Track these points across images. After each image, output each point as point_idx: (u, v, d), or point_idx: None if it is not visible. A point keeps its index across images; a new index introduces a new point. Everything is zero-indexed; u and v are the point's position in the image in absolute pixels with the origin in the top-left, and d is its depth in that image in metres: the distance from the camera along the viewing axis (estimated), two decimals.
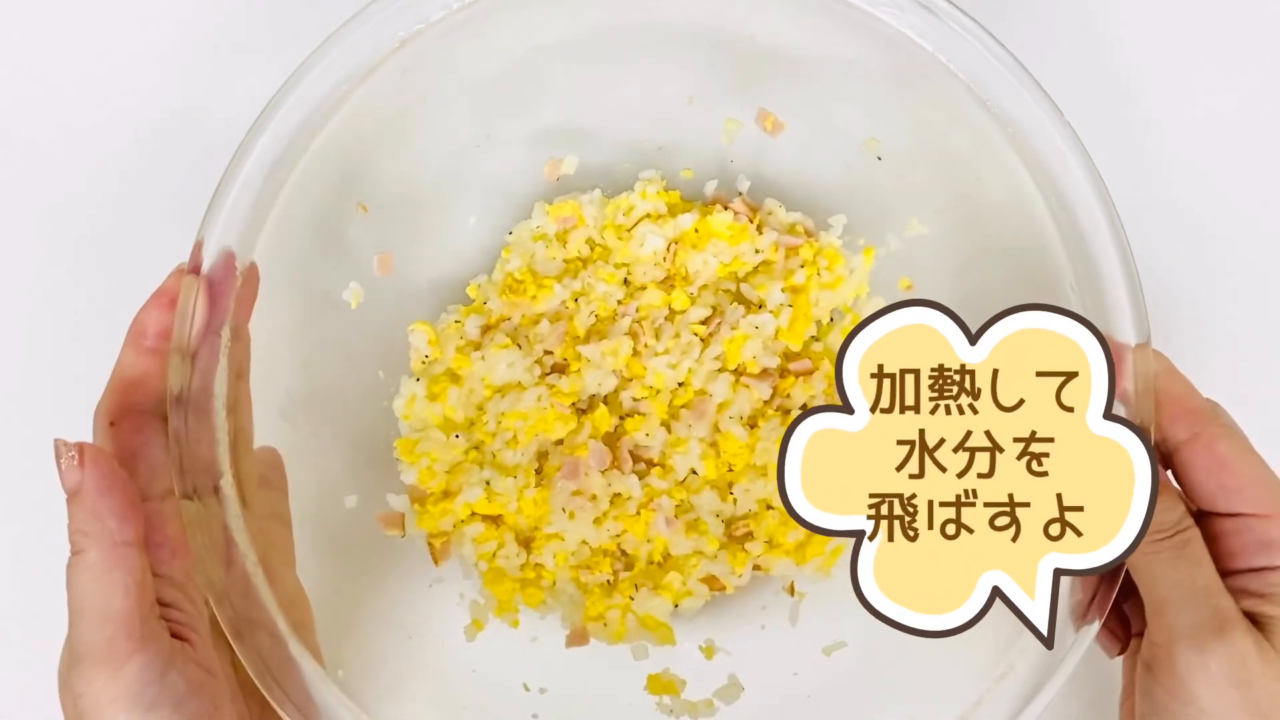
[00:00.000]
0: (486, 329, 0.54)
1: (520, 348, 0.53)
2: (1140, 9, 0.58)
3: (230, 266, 0.44)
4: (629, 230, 0.54)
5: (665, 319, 0.54)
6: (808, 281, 0.54)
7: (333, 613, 0.49)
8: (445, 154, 0.53)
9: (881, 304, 0.54)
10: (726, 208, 0.54)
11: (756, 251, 0.54)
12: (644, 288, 0.54)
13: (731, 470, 0.53)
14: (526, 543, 0.53)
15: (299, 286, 0.50)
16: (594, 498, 0.52)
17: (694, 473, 0.53)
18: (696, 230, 0.53)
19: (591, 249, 0.54)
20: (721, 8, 0.50)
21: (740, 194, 0.55)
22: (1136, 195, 0.51)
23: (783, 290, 0.53)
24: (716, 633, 0.53)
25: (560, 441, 0.53)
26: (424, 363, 0.53)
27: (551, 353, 0.53)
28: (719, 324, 0.53)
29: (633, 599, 0.52)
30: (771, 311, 0.53)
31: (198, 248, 0.44)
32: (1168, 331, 0.52)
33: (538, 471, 0.53)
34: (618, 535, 0.53)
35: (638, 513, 0.53)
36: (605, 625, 0.52)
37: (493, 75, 0.51)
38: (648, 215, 0.54)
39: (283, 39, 0.53)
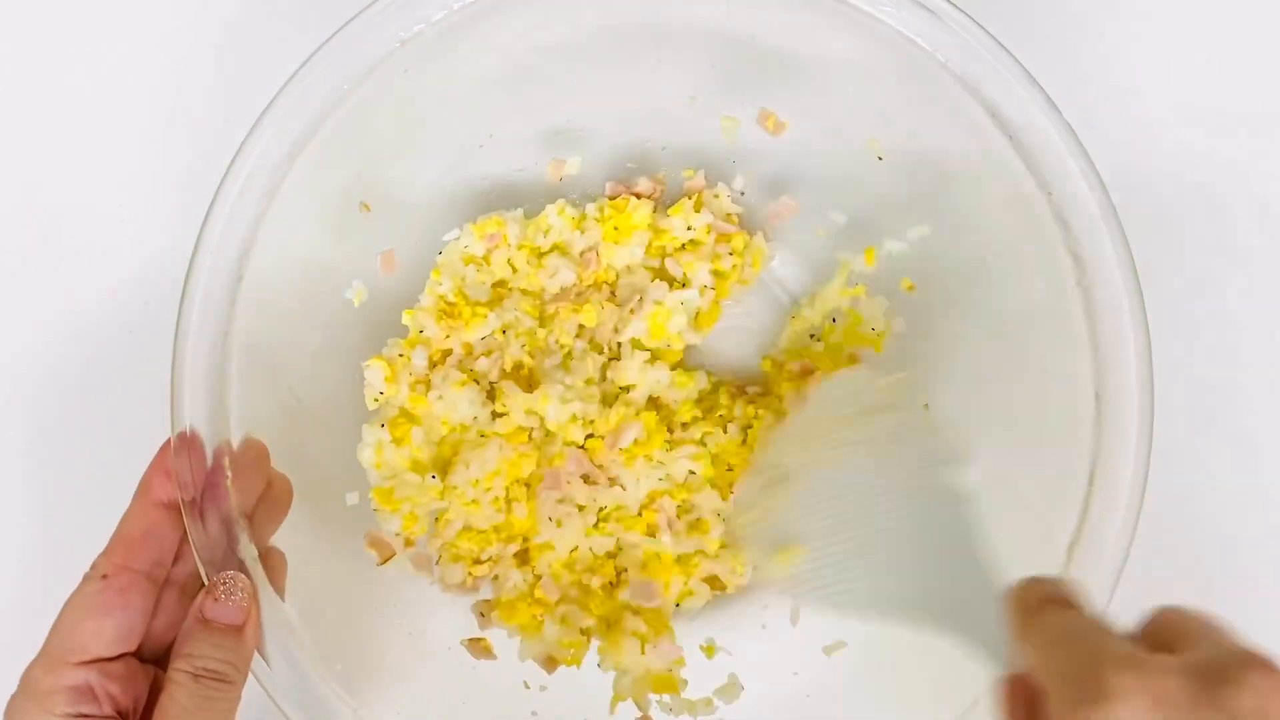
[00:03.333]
0: (433, 364, 0.53)
1: (477, 383, 0.53)
2: (1140, 8, 0.58)
3: (218, 460, 0.45)
4: (541, 256, 0.54)
5: (576, 338, 0.54)
6: (733, 270, 0.54)
7: (333, 608, 0.50)
8: (448, 154, 0.53)
9: (884, 304, 0.54)
10: (639, 196, 0.54)
11: (689, 228, 0.53)
12: (555, 315, 0.54)
13: (731, 470, 0.53)
14: (523, 556, 0.53)
15: (302, 285, 0.50)
16: (582, 508, 0.52)
17: (692, 473, 0.53)
18: (616, 228, 0.53)
19: (514, 271, 0.54)
20: (722, 8, 0.50)
21: (654, 176, 0.55)
22: (1135, 195, 0.51)
23: (710, 272, 0.53)
24: (717, 632, 0.53)
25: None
26: (377, 399, 0.52)
27: (495, 384, 0.53)
28: (640, 300, 0.53)
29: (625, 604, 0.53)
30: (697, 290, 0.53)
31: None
32: (1167, 331, 0.52)
33: (526, 485, 0.53)
34: (613, 553, 0.53)
35: (640, 513, 0.53)
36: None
37: (493, 75, 0.51)
38: (556, 246, 0.54)
39: (283, 39, 0.53)
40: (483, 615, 0.52)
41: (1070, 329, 0.47)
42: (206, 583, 0.43)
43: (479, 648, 0.52)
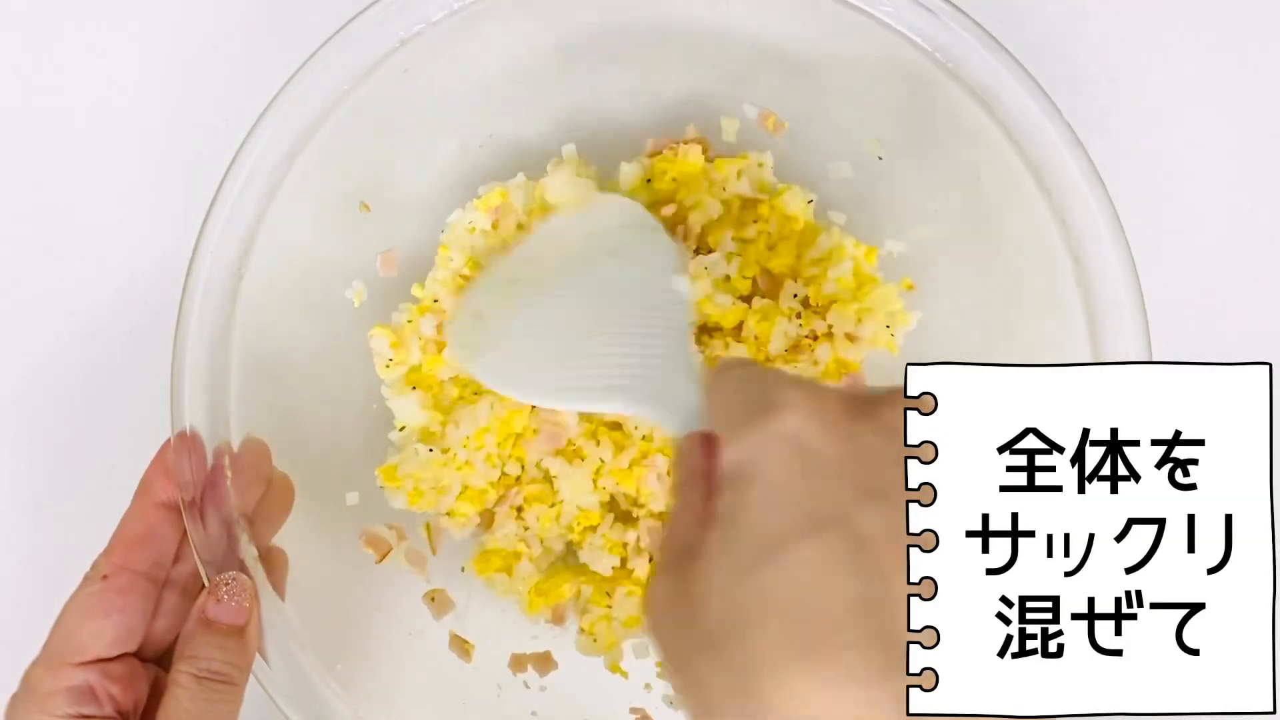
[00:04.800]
0: (440, 327, 0.52)
1: None
2: (1139, 8, 0.58)
3: (219, 458, 0.45)
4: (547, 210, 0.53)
5: None
6: (759, 238, 0.53)
7: (333, 608, 0.50)
8: (447, 153, 0.53)
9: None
10: (676, 148, 0.53)
11: (739, 175, 0.53)
12: None
13: None
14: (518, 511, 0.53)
15: (302, 285, 0.51)
16: (583, 457, 0.52)
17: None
18: (675, 180, 0.53)
19: (524, 230, 0.53)
20: (722, 8, 0.50)
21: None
22: (1135, 194, 0.51)
23: (733, 239, 0.53)
24: None
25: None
26: (388, 366, 0.52)
27: None
28: None
29: (610, 607, 0.52)
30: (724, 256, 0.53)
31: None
32: (1167, 330, 0.52)
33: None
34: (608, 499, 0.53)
35: (630, 467, 0.52)
36: (595, 640, 0.52)
37: (493, 75, 0.51)
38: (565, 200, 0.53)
39: (283, 39, 0.53)
40: (433, 600, 0.52)
41: (1070, 329, 0.47)
42: (207, 583, 0.43)
43: (461, 648, 0.52)
